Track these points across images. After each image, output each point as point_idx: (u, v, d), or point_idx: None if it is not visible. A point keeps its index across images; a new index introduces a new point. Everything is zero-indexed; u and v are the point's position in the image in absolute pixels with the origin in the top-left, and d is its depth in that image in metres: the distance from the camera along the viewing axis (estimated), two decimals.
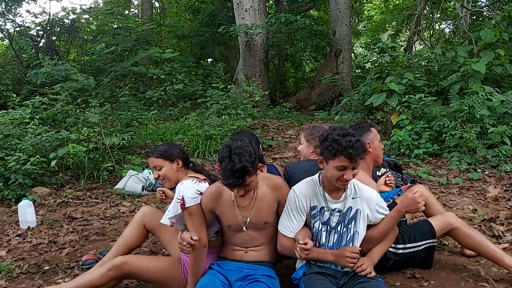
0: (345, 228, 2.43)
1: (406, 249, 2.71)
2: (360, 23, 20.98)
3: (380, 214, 2.47)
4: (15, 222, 4.21)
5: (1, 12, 13.59)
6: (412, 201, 2.41)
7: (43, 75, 6.83)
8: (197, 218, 2.45)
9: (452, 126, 5.39)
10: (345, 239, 2.43)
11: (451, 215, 2.79)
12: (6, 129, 5.72)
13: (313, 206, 2.44)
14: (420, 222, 2.90)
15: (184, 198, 2.44)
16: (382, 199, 2.53)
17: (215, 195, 2.48)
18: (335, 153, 2.22)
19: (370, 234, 2.48)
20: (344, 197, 2.43)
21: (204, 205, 2.48)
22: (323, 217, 2.44)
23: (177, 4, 17.61)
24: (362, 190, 2.45)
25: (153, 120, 8.67)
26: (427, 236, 2.71)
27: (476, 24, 9.50)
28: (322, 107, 11.47)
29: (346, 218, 2.43)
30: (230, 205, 2.46)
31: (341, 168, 2.24)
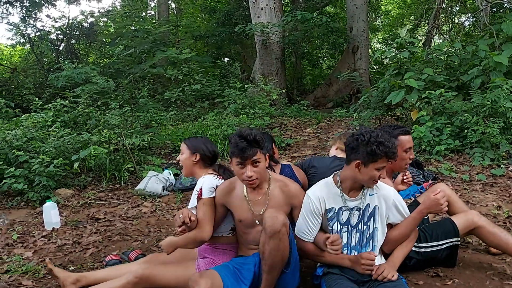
0: (365, 226, 2.42)
1: (428, 247, 2.67)
2: (377, 18, 20.75)
3: (398, 212, 2.45)
4: (40, 223, 4.30)
5: (22, 17, 13.90)
6: (435, 202, 2.38)
7: (64, 78, 6.95)
8: (208, 210, 2.54)
9: (474, 121, 5.29)
10: (366, 237, 2.43)
11: (474, 213, 2.73)
12: (30, 132, 5.85)
13: (329, 208, 2.44)
14: (442, 220, 2.85)
15: (202, 190, 2.57)
16: (401, 197, 2.51)
17: (227, 189, 2.57)
18: (381, 156, 2.24)
19: (391, 235, 2.46)
20: (361, 195, 2.42)
21: (217, 199, 2.58)
22: (342, 218, 2.43)
23: (193, 4, 17.71)
24: (379, 187, 2.45)
25: (172, 121, 8.74)
26: (450, 234, 2.66)
27: (497, 17, 9.29)
28: (340, 104, 11.40)
29: (365, 215, 2.42)
30: (241, 200, 2.53)
31: (380, 168, 2.30)
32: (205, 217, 2.53)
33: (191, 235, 2.51)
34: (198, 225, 2.51)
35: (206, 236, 2.51)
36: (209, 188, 2.58)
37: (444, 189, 2.95)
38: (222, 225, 2.68)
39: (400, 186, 2.93)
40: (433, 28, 12.91)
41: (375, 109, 7.08)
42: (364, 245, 2.43)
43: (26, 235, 4.06)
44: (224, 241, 2.70)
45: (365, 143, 2.25)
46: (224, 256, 2.67)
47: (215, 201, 2.58)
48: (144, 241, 3.79)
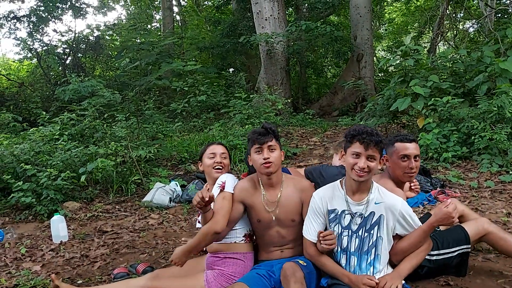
0: (366, 233, 2.40)
1: (440, 255, 2.64)
2: (381, 26, 20.80)
3: (406, 223, 2.41)
4: (48, 237, 4.31)
5: (29, 32, 14.08)
6: (446, 215, 2.36)
7: (71, 91, 7.03)
8: (226, 205, 2.58)
9: (481, 127, 5.26)
10: (367, 244, 2.40)
11: (484, 220, 2.72)
12: (37, 146, 5.89)
13: (331, 209, 2.45)
14: (453, 227, 2.81)
15: (226, 183, 2.64)
16: (410, 208, 2.46)
17: (247, 187, 2.66)
18: (351, 139, 2.32)
19: (400, 245, 2.43)
20: (366, 201, 2.41)
21: (236, 195, 2.64)
22: (344, 221, 2.43)
23: (198, 16, 17.86)
24: (386, 196, 2.42)
25: (178, 132, 8.77)
26: (461, 242, 2.64)
27: (501, 23, 9.28)
28: (346, 112, 11.39)
29: (368, 222, 2.40)
30: (259, 199, 2.62)
31: (355, 155, 2.30)
32: (222, 210, 2.55)
33: (204, 228, 2.52)
34: (213, 216, 2.53)
35: (219, 228, 2.50)
36: (231, 184, 2.66)
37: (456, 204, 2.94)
38: (236, 230, 2.69)
39: (408, 194, 2.91)
40: (437, 35, 12.92)
41: (381, 117, 7.07)
42: (366, 252, 2.40)
43: (34, 248, 4.06)
44: (235, 249, 2.69)
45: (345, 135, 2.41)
46: (234, 266, 2.65)
47: (233, 197, 2.63)
48: (152, 253, 3.78)
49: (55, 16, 14.39)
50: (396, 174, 2.72)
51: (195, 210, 4.98)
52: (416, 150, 2.70)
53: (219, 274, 2.62)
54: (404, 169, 2.68)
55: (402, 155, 2.68)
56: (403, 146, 2.69)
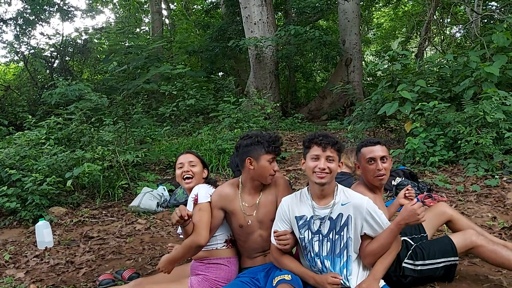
0: (337, 236, 2.40)
1: (425, 265, 2.61)
2: (369, 31, 20.98)
3: (374, 221, 2.39)
4: (32, 243, 4.25)
5: (15, 35, 13.92)
6: (412, 212, 2.34)
7: (58, 95, 6.93)
8: (205, 215, 2.56)
9: (467, 132, 5.31)
10: (339, 247, 2.40)
11: (472, 233, 2.67)
12: (23, 150, 5.81)
13: (299, 216, 2.45)
14: (440, 238, 2.78)
15: (198, 195, 2.62)
16: (376, 206, 2.44)
17: (226, 195, 2.64)
18: (309, 143, 2.39)
19: (370, 248, 2.41)
20: (332, 204, 2.41)
21: (214, 202, 2.62)
22: (314, 226, 2.43)
23: (187, 20, 17.84)
24: (351, 196, 2.43)
25: (166, 136, 8.73)
26: (447, 253, 2.61)
27: (487, 28, 9.40)
28: (334, 116, 11.44)
29: (337, 225, 2.40)
30: (238, 207, 2.61)
31: (315, 157, 2.35)
32: (201, 222, 2.52)
33: (187, 242, 2.50)
34: (194, 230, 2.50)
35: (203, 240, 2.49)
36: (205, 194, 2.62)
37: (445, 209, 2.95)
38: (216, 236, 2.67)
39: (402, 201, 2.89)
40: (424, 40, 13.06)
41: (369, 121, 7.10)
42: (338, 255, 2.40)
43: (19, 255, 4.00)
44: (218, 255, 2.68)
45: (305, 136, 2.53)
46: (217, 271, 2.64)
47: (211, 205, 2.61)
48: (138, 259, 3.74)
49: (43, 19, 14.25)
50: (368, 179, 2.72)
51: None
52: (381, 151, 2.68)
53: (203, 279, 2.61)
54: (373, 172, 2.67)
55: (368, 159, 2.68)
56: (368, 150, 2.70)
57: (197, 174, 2.82)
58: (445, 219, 2.99)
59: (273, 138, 2.58)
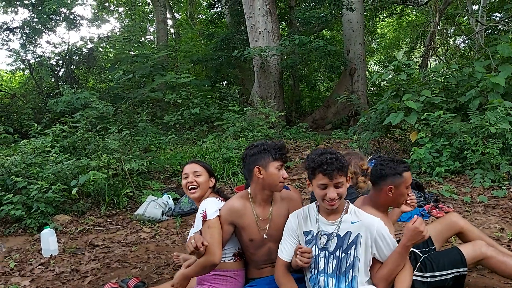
0: (344, 253, 2.35)
1: (434, 277, 2.57)
2: (373, 41, 21.05)
3: (383, 245, 2.34)
4: (38, 250, 4.24)
5: (22, 43, 14.03)
6: (415, 231, 2.29)
7: (63, 103, 6.98)
8: (215, 232, 2.51)
9: (473, 142, 5.29)
10: (345, 265, 2.34)
11: (482, 244, 2.64)
12: (28, 158, 5.82)
13: (307, 231, 2.42)
14: (449, 249, 2.76)
15: (207, 211, 2.55)
16: (387, 229, 2.39)
17: (237, 210, 2.58)
18: (313, 171, 2.27)
19: (381, 273, 2.36)
20: (339, 221, 2.36)
21: (224, 217, 2.56)
22: (320, 242, 2.38)
23: (192, 29, 17.94)
24: (362, 215, 2.38)
25: (171, 145, 8.73)
26: (457, 264, 2.57)
27: (492, 38, 9.41)
28: (339, 126, 11.43)
29: (344, 243, 2.35)
30: (251, 218, 2.57)
31: (322, 186, 2.26)
32: (213, 240, 2.48)
33: (201, 261, 2.46)
34: (207, 249, 2.46)
35: (217, 259, 2.46)
36: (213, 209, 2.56)
37: (456, 220, 2.89)
38: (225, 250, 2.64)
39: (404, 208, 2.86)
40: (428, 50, 13.09)
41: (374, 130, 7.09)
42: (343, 273, 2.34)
43: (24, 263, 3.99)
44: (225, 267, 2.65)
45: (308, 160, 2.32)
46: (224, 283, 2.61)
47: (221, 220, 2.56)
48: (144, 268, 3.73)
49: (49, 27, 14.35)
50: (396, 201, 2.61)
51: (188, 224, 4.93)
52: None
53: None
54: (405, 197, 2.60)
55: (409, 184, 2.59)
56: (409, 176, 2.60)
57: (202, 184, 2.76)
58: (456, 231, 2.93)
59: (280, 145, 2.55)
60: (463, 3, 13.31)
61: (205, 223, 2.53)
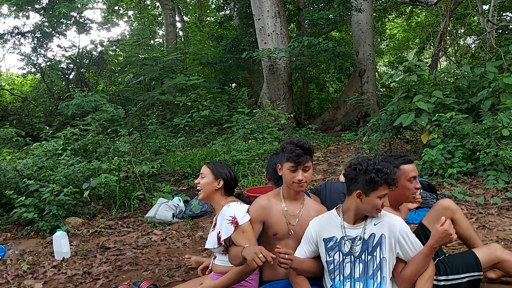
0: (370, 256, 2.33)
1: (448, 281, 2.53)
2: (382, 42, 20.94)
3: (406, 244, 2.33)
4: (50, 253, 4.27)
5: (33, 47, 14.19)
6: (444, 233, 2.28)
7: (74, 106, 7.01)
8: (251, 235, 2.51)
9: (486, 143, 5.23)
10: (372, 268, 2.32)
11: (497, 247, 2.61)
12: (40, 161, 5.86)
13: (328, 237, 2.39)
14: (464, 252, 2.72)
15: (236, 217, 2.52)
16: (408, 227, 2.38)
17: (265, 207, 2.59)
18: (381, 183, 2.24)
19: (404, 273, 2.34)
20: (364, 224, 2.36)
21: (255, 216, 2.56)
22: (345, 248, 2.36)
23: (201, 32, 17.99)
24: (384, 215, 2.37)
25: (181, 147, 8.76)
26: (471, 268, 2.53)
27: (503, 38, 9.32)
28: (348, 127, 11.37)
29: (369, 245, 2.33)
30: (280, 213, 2.57)
31: (382, 196, 2.26)
32: (251, 244, 2.46)
33: (241, 268, 2.42)
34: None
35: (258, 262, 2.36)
36: (242, 214, 2.54)
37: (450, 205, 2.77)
38: None
39: (410, 205, 2.84)
40: (439, 50, 12.98)
41: (384, 132, 7.04)
42: (371, 276, 2.32)
43: (36, 265, 4.02)
44: None
45: (363, 171, 2.26)
46: (238, 287, 2.59)
47: (252, 220, 2.55)
48: (155, 271, 3.73)
49: (59, 31, 14.50)
50: (403, 196, 2.65)
51: (198, 226, 4.94)
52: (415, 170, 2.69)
53: None
54: (412, 190, 2.64)
55: (410, 177, 2.63)
56: (409, 168, 2.65)
57: (204, 185, 2.74)
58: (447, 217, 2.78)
59: (295, 148, 2.48)
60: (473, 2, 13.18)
61: (237, 228, 2.50)
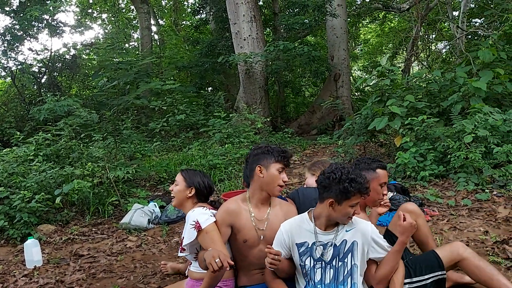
0: (340, 262, 2.35)
1: (413, 283, 2.55)
2: (356, 46, 21.28)
3: (379, 246, 2.39)
4: (21, 261, 4.15)
5: (3, 51, 13.81)
6: (410, 227, 2.41)
7: (46, 111, 6.86)
8: (215, 235, 2.51)
9: (456, 146, 5.37)
10: (342, 274, 2.35)
11: (459, 245, 2.64)
12: (11, 167, 5.70)
13: (300, 242, 2.40)
14: (426, 253, 2.75)
15: (199, 221, 2.53)
16: (377, 231, 2.44)
17: (233, 211, 2.61)
18: (354, 193, 2.25)
19: (381, 273, 2.39)
20: (336, 230, 2.38)
21: (222, 220, 2.57)
22: (316, 253, 2.38)
23: (176, 36, 17.89)
24: (356, 222, 2.40)
25: (156, 152, 8.67)
26: (434, 268, 2.56)
27: (472, 44, 9.60)
28: (324, 131, 11.50)
29: (340, 251, 2.36)
30: (247, 219, 2.59)
31: (354, 205, 2.28)
32: (216, 244, 2.47)
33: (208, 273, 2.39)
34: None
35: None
36: (205, 217, 2.55)
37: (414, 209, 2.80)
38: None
39: (380, 209, 2.87)
40: (411, 55, 13.27)
41: (359, 135, 7.15)
42: (341, 282, 2.35)
43: (7, 274, 3.90)
44: None
45: (337, 181, 2.26)
46: None
47: (218, 224, 2.56)
48: (130, 278, 3.68)
49: (31, 34, 14.15)
50: (371, 200, 2.70)
51: (174, 232, 4.89)
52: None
53: None
54: (380, 195, 2.71)
55: (382, 182, 2.70)
56: (384, 174, 2.73)
57: (176, 193, 2.80)
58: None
59: (283, 149, 2.64)
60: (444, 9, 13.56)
61: (201, 232, 2.51)
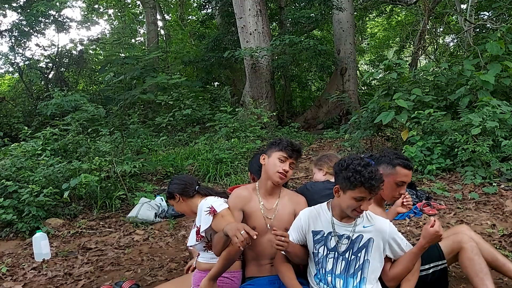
0: (353, 256, 2.36)
1: None
2: (363, 40, 21.14)
3: (397, 245, 2.39)
4: (29, 255, 4.21)
5: (11, 46, 13.90)
6: (435, 234, 2.31)
7: (53, 106, 6.91)
8: (231, 218, 2.53)
9: (463, 140, 5.34)
10: (354, 267, 2.36)
11: (464, 231, 2.64)
12: (19, 162, 5.77)
13: (317, 230, 2.41)
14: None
15: (214, 206, 2.58)
16: (396, 229, 2.42)
17: (244, 196, 2.65)
18: (356, 184, 2.20)
19: (394, 271, 2.40)
20: (354, 224, 2.37)
21: (234, 205, 2.61)
22: (330, 243, 2.38)
23: (182, 31, 17.89)
24: (375, 220, 2.40)
25: (163, 146, 8.70)
26: (434, 258, 2.57)
27: (480, 37, 9.51)
28: (330, 125, 11.47)
29: (355, 245, 2.36)
30: (256, 207, 2.62)
31: (359, 199, 2.23)
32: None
33: (225, 253, 2.38)
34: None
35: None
36: (219, 203, 2.60)
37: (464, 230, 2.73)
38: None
39: (400, 209, 2.86)
40: (418, 49, 13.18)
41: (365, 129, 7.12)
42: (351, 275, 2.35)
43: (16, 267, 3.96)
44: None
45: (344, 168, 2.26)
46: (220, 284, 2.58)
47: (230, 208, 2.60)
48: (137, 271, 3.71)
49: (38, 30, 14.23)
50: (386, 195, 2.66)
51: (181, 225, 4.92)
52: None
53: None
54: (396, 193, 2.65)
55: (399, 181, 2.62)
56: (403, 173, 2.62)
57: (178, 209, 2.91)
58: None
59: (291, 141, 2.65)
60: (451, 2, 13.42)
61: (216, 215, 2.55)
